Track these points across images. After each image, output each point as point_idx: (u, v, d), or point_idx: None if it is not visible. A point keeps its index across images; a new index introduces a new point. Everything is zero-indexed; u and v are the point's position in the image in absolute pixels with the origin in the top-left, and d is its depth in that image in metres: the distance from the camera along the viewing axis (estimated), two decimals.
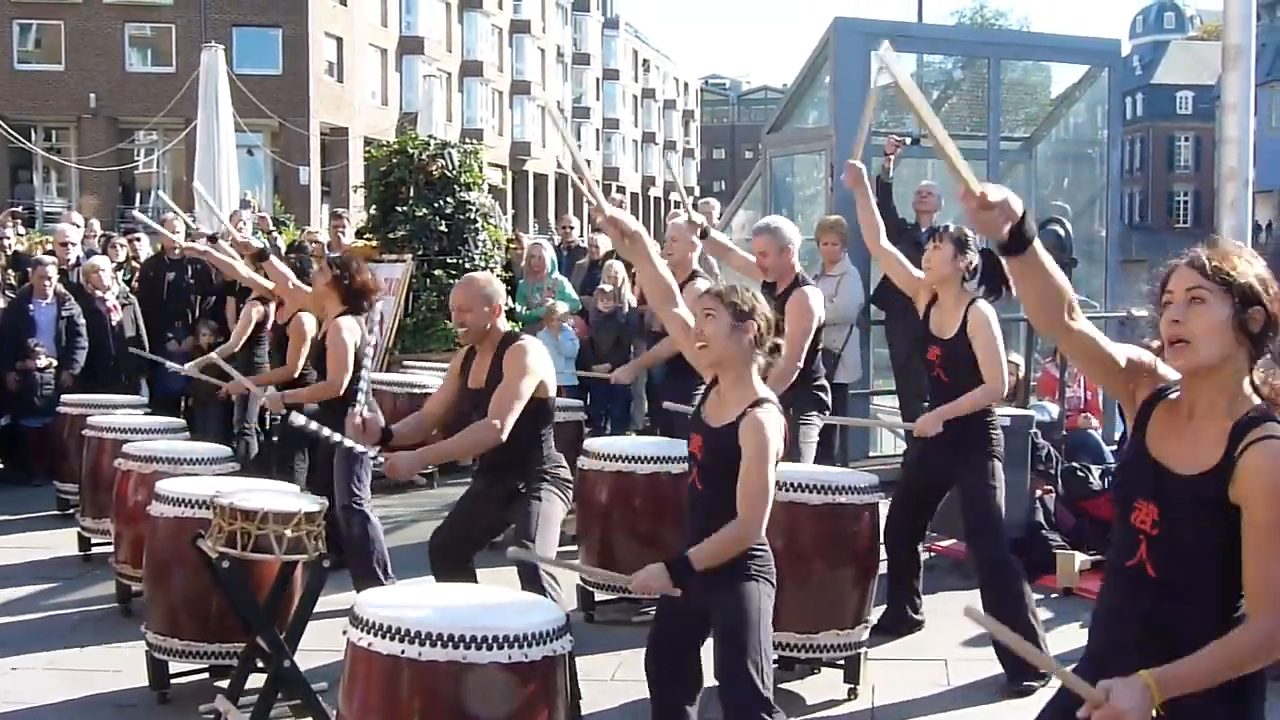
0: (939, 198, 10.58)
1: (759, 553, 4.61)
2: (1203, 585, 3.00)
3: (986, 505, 6.56)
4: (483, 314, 5.89)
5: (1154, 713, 2.85)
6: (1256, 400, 3.03)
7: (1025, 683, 6.32)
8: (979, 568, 6.65)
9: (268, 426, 10.96)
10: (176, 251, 13.12)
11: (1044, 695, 6.24)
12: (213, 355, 9.42)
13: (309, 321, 8.54)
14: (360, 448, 5.46)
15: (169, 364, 10.21)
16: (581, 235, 16.07)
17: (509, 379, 5.71)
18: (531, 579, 5.58)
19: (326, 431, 5.31)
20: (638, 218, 5.19)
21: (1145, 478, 3.11)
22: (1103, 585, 3.31)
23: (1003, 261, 6.71)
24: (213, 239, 9.37)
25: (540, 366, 5.80)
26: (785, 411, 4.73)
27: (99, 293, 12.02)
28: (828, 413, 7.70)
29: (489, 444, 5.67)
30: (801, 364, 7.19)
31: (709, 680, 4.71)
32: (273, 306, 9.61)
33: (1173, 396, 3.16)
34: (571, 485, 6.08)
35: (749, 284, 5.85)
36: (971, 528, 6.69)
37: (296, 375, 8.54)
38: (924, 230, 10.23)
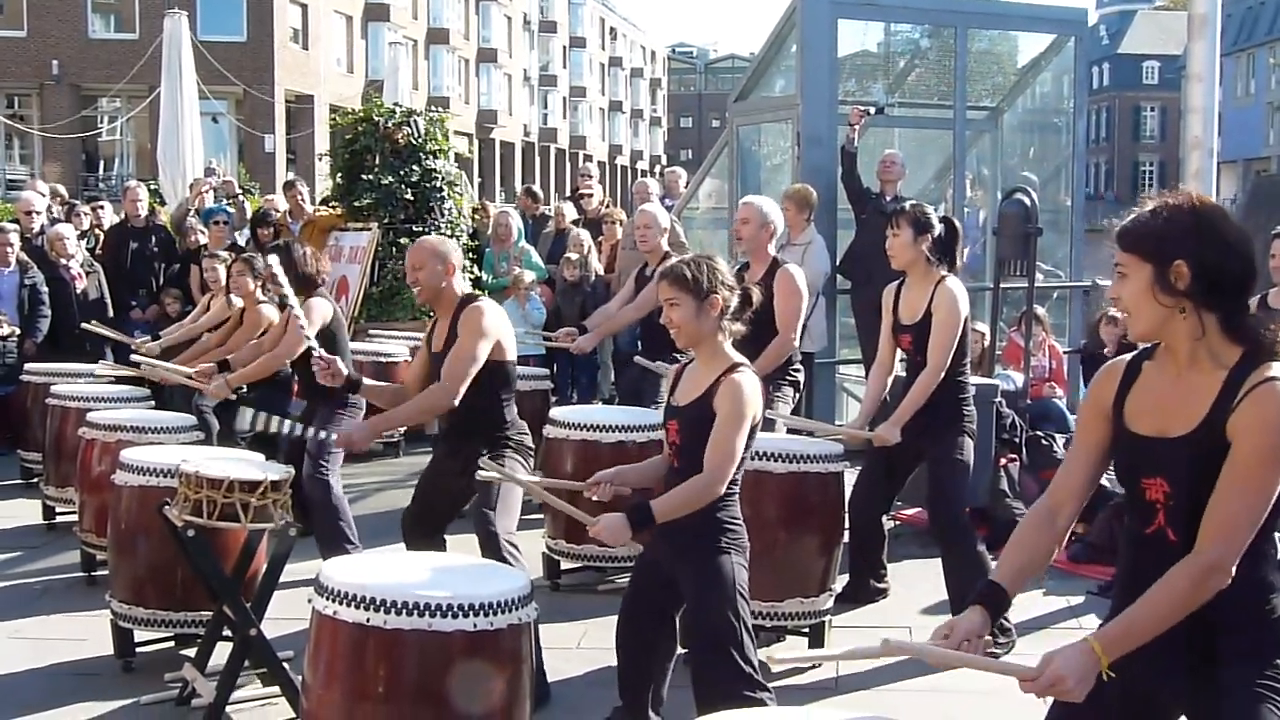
0: (902, 166, 10.60)
1: (732, 525, 4.62)
2: None
3: (951, 493, 6.59)
4: (435, 271, 5.85)
5: (1104, 675, 2.87)
6: (1239, 345, 3.02)
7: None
8: (944, 553, 6.69)
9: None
10: (139, 219, 13.07)
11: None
12: (171, 339, 9.47)
13: (267, 310, 8.55)
14: (310, 432, 5.54)
15: (124, 339, 10.17)
16: (547, 204, 16.02)
17: (462, 341, 5.69)
18: (491, 547, 5.58)
19: (280, 427, 5.39)
20: (604, 186, 5.19)
21: (1143, 459, 3.12)
22: (1121, 554, 3.31)
23: (958, 233, 6.79)
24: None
25: (496, 328, 5.77)
26: (764, 390, 4.76)
27: (63, 261, 11.92)
28: (799, 391, 7.71)
29: (441, 408, 5.66)
30: (797, 338, 7.17)
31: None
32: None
33: (1146, 366, 3.19)
34: (533, 452, 6.08)
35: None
36: (934, 515, 6.74)
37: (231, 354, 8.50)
38: (889, 199, 10.25)
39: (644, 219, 8.40)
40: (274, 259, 7.08)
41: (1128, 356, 3.28)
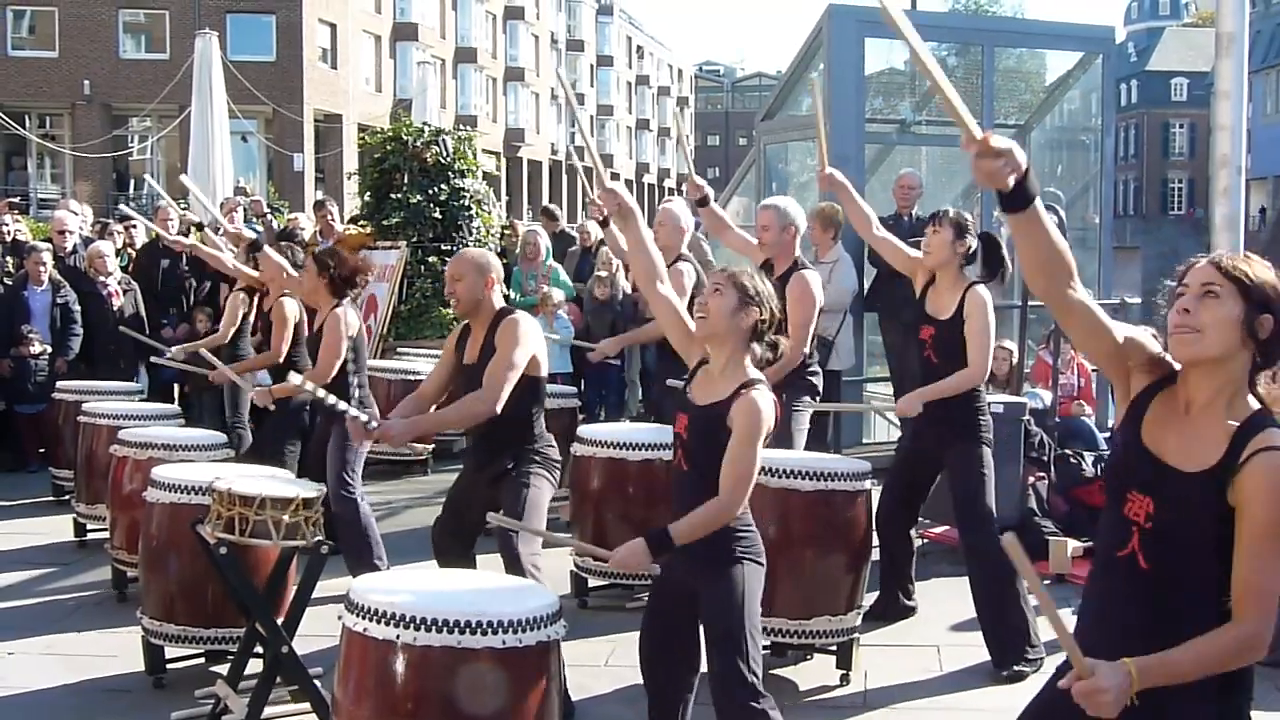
0: (920, 187, 10.60)
1: (745, 534, 4.62)
2: (1194, 577, 3.02)
3: (974, 493, 6.58)
4: (475, 283, 5.87)
5: (1130, 700, 2.89)
6: (1255, 404, 3.06)
7: (1015, 668, 6.36)
8: (967, 557, 6.69)
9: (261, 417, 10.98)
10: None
11: (1035, 680, 6.30)
12: (199, 346, 9.47)
13: (290, 306, 8.56)
14: (364, 415, 5.50)
15: (158, 346, 10.23)
16: (572, 222, 16.07)
17: (501, 351, 5.70)
18: (515, 568, 5.59)
19: (334, 401, 5.38)
20: None
21: (1141, 470, 3.11)
22: (1091, 572, 3.32)
23: (1000, 243, 6.80)
24: (200, 227, 9.38)
25: (533, 340, 5.79)
26: (777, 396, 4.76)
27: (102, 278, 12.01)
28: (818, 399, 7.73)
29: (482, 416, 5.66)
30: (807, 349, 7.19)
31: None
32: (256, 297, 9.60)
33: (1169, 389, 3.18)
34: (560, 466, 6.08)
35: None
36: (960, 516, 6.73)
37: (282, 359, 8.56)
38: (905, 219, 10.28)
39: (660, 215, 8.48)
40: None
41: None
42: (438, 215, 13.25)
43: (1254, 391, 3.08)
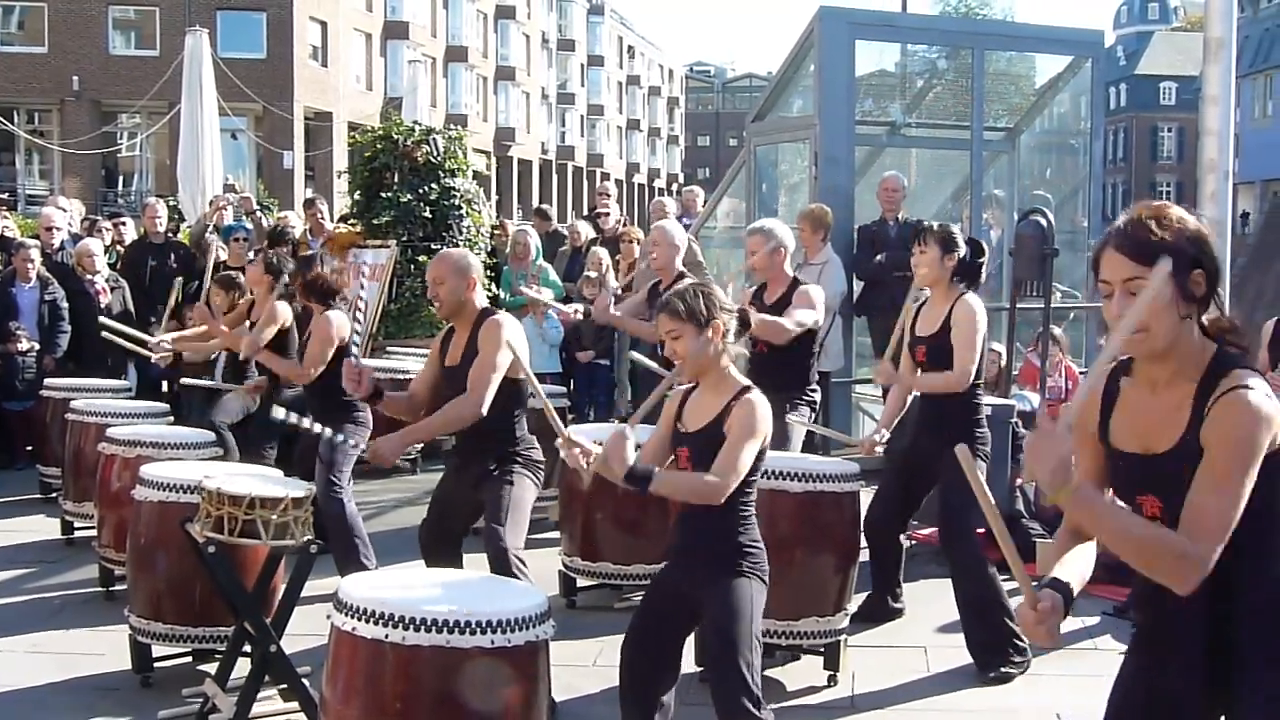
0: (904, 191, 10.60)
1: (753, 550, 4.63)
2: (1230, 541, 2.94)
3: (963, 505, 6.58)
4: (456, 286, 5.91)
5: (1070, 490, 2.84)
6: (1209, 346, 3.01)
7: (1001, 669, 6.37)
8: (951, 568, 6.70)
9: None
10: (159, 235, 13.15)
11: (1019, 682, 6.32)
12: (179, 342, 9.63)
13: (283, 310, 8.54)
14: (340, 436, 5.55)
15: (140, 350, 10.18)
16: (564, 222, 16.08)
17: (484, 353, 5.74)
18: (500, 562, 5.60)
19: (307, 423, 5.43)
20: (621, 204, 5.23)
21: (1132, 475, 3.10)
22: (1137, 575, 3.22)
23: (984, 251, 6.80)
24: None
25: (514, 342, 5.80)
26: (779, 408, 4.78)
27: (89, 275, 12.00)
28: (815, 417, 7.72)
29: (469, 418, 5.69)
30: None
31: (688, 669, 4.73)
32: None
33: (1124, 384, 3.17)
34: (543, 467, 6.11)
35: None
36: (943, 525, 6.73)
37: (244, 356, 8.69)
38: (890, 223, 10.29)
39: (655, 235, 8.44)
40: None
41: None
42: (428, 214, 13.22)
43: (1203, 328, 3.03)
